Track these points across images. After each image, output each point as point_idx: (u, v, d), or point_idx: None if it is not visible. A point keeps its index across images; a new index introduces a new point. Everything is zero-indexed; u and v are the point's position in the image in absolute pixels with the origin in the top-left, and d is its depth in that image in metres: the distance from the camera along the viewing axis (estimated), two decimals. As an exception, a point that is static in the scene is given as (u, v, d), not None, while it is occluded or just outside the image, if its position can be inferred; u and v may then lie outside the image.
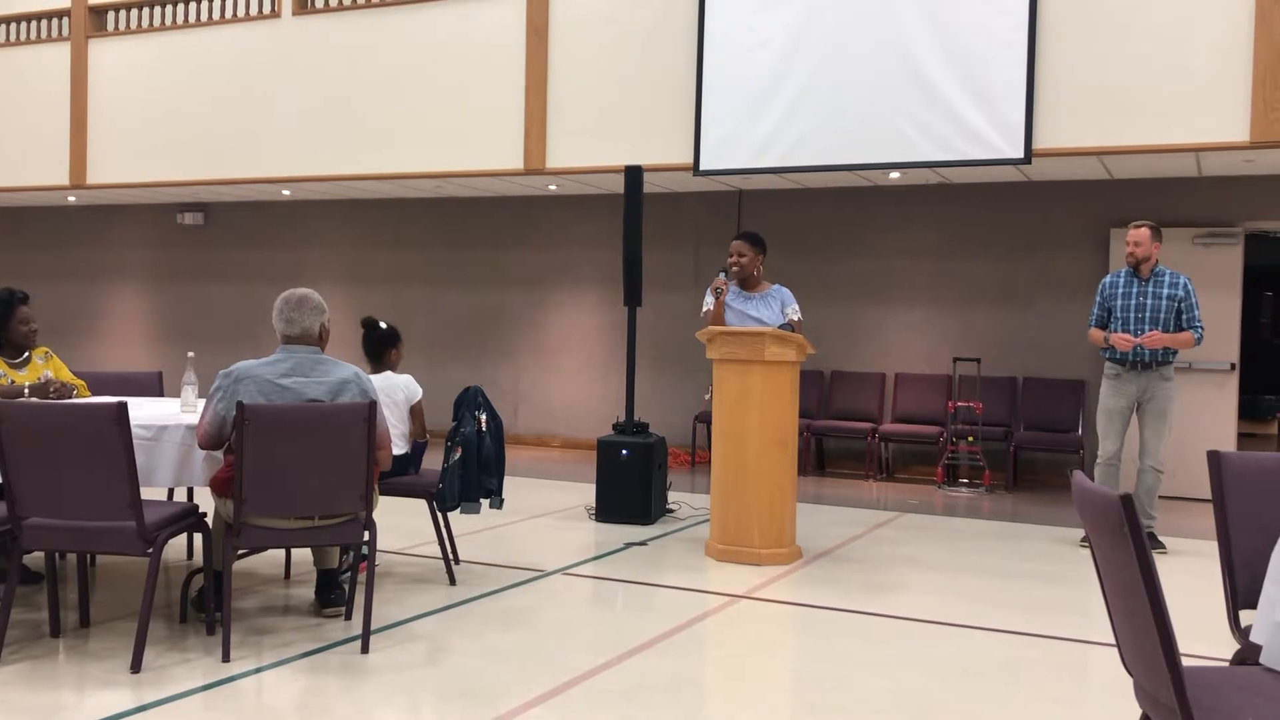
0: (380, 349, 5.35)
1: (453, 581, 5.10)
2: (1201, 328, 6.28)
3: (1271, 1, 6.87)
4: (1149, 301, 6.25)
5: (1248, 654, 2.69)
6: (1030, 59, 7.43)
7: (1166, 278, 6.30)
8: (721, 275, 6.09)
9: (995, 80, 7.53)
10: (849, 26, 7.93)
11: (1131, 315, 6.28)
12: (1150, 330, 6.19)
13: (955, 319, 9.31)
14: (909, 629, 4.59)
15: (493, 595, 4.93)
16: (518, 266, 10.95)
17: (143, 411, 4.45)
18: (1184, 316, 6.26)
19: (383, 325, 5.40)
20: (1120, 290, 6.35)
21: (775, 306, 6.08)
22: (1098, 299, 6.43)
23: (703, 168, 8.44)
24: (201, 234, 12.51)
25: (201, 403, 4.36)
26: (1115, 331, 6.27)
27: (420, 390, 5.28)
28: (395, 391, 5.16)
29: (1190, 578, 5.62)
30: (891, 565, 5.81)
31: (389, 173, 9.64)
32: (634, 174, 7.21)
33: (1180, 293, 6.25)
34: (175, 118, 10.45)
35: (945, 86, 7.67)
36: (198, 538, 4.73)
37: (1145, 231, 6.28)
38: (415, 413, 5.25)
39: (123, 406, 3.69)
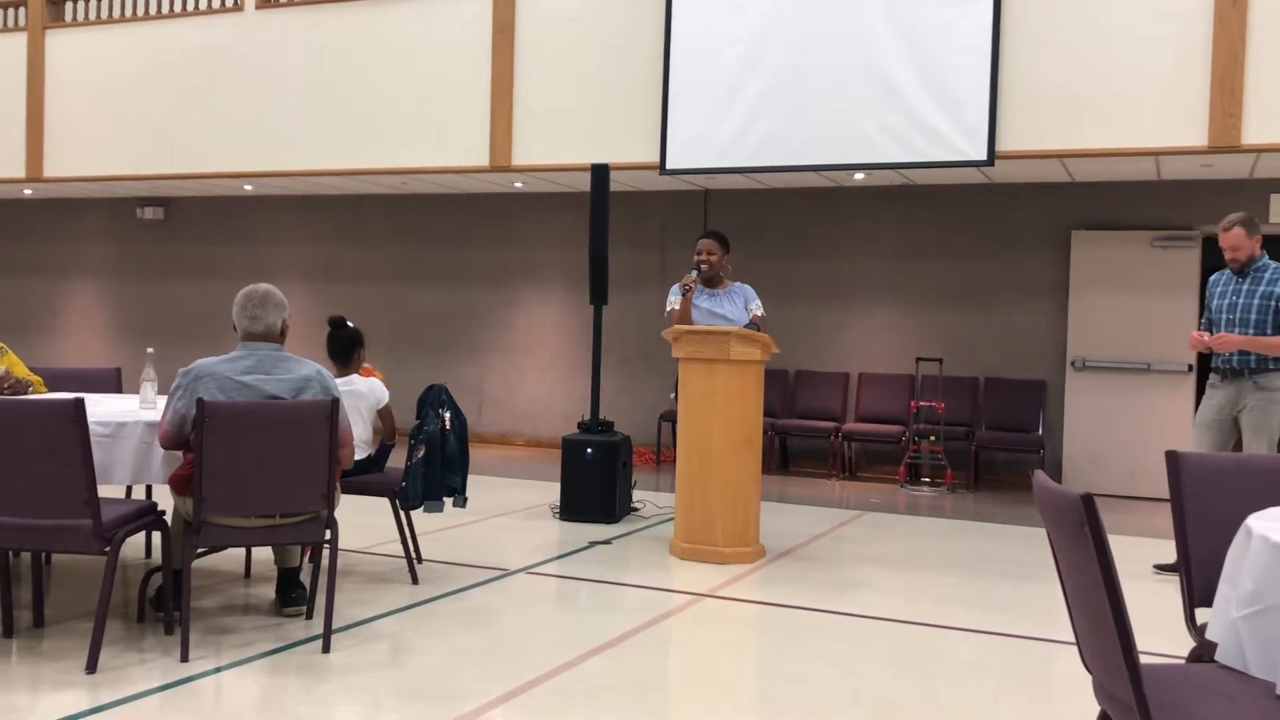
0: (349, 349, 5.26)
1: (415, 580, 5.06)
2: None
3: (1229, 9, 6.97)
4: (1240, 300, 5.54)
5: (1204, 651, 2.72)
6: (993, 62, 7.50)
7: (1267, 274, 5.52)
8: (693, 274, 6.11)
9: (959, 83, 7.59)
10: (815, 28, 7.97)
11: (1223, 316, 5.60)
12: (1240, 333, 5.48)
13: (918, 319, 9.37)
14: (871, 627, 4.61)
15: (456, 594, 4.91)
16: (483, 264, 10.90)
17: (101, 408, 4.39)
18: None
19: (349, 324, 5.33)
20: (1219, 289, 5.70)
21: (739, 303, 6.15)
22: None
23: (669, 167, 8.44)
24: (162, 229, 12.36)
25: (161, 400, 4.30)
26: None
27: (387, 393, 5.22)
28: (359, 399, 5.08)
29: (1149, 577, 5.68)
30: (854, 564, 5.84)
31: (353, 168, 9.57)
32: (600, 172, 7.19)
33: (1278, 290, 5.45)
34: (135, 111, 10.31)
35: (910, 89, 7.72)
36: (156, 536, 4.67)
37: (1238, 231, 5.53)
38: (385, 414, 5.21)
39: (80, 403, 3.63)
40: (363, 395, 5.11)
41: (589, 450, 6.76)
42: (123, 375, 6.10)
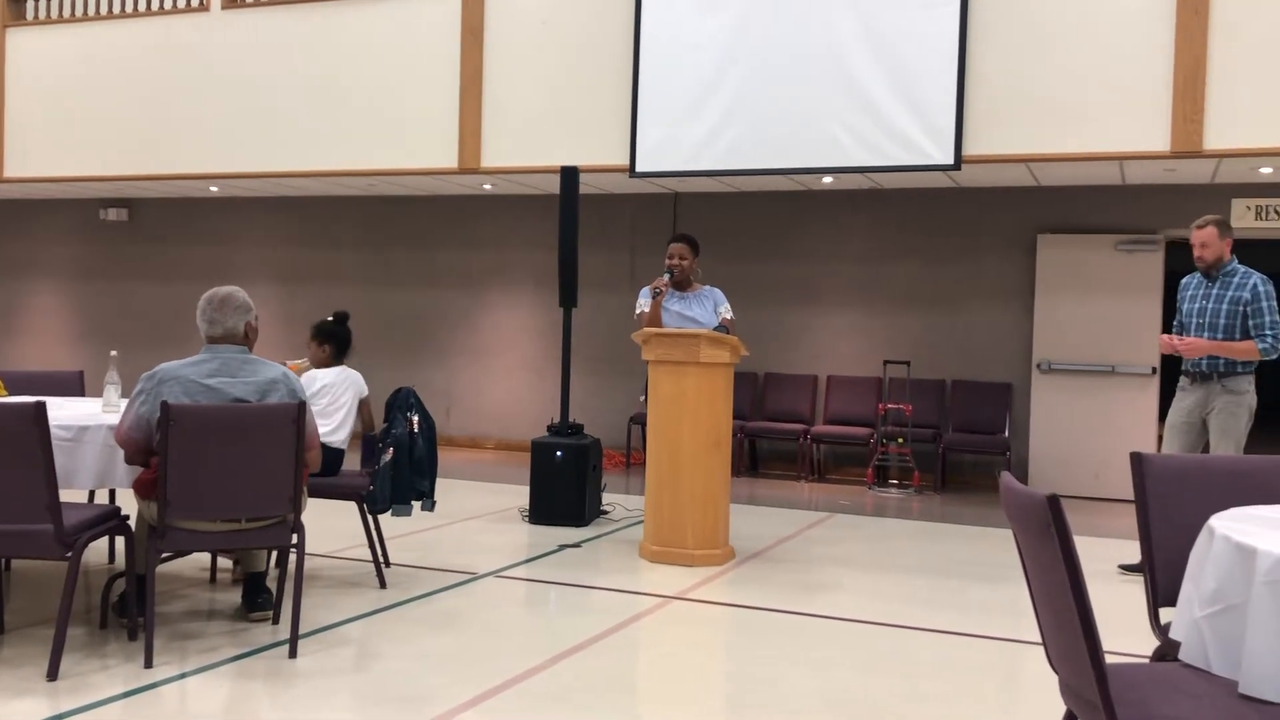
0: (349, 343, 5.42)
1: (383, 585, 5.03)
2: (1272, 335, 5.47)
3: (1190, 16, 7.06)
4: (1210, 305, 5.59)
5: (1167, 650, 2.75)
6: (961, 67, 7.55)
7: (1235, 278, 5.57)
8: (665, 277, 6.13)
9: (927, 87, 7.64)
10: (783, 32, 7.99)
11: (1193, 320, 5.66)
12: (1209, 337, 5.54)
13: (886, 322, 9.43)
14: (840, 629, 4.63)
15: (424, 598, 4.88)
16: (451, 266, 10.86)
17: (63, 412, 4.33)
18: (1251, 323, 5.51)
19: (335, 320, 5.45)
20: (1189, 293, 5.75)
21: (709, 306, 6.18)
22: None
23: (638, 169, 8.44)
24: (125, 230, 12.22)
25: (124, 403, 4.25)
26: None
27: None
28: (359, 387, 5.26)
29: (1114, 577, 5.74)
30: (823, 565, 5.86)
31: (320, 170, 9.50)
32: (570, 175, 7.18)
33: (1247, 295, 5.50)
34: (98, 110, 10.19)
35: (878, 93, 7.76)
36: (120, 541, 4.62)
37: (1211, 230, 5.58)
38: (365, 405, 5.32)
39: (41, 406, 3.58)
40: (356, 383, 5.25)
41: (559, 453, 6.75)
42: (85, 378, 6.02)
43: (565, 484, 6.73)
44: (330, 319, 5.41)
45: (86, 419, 4.19)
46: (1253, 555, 2.35)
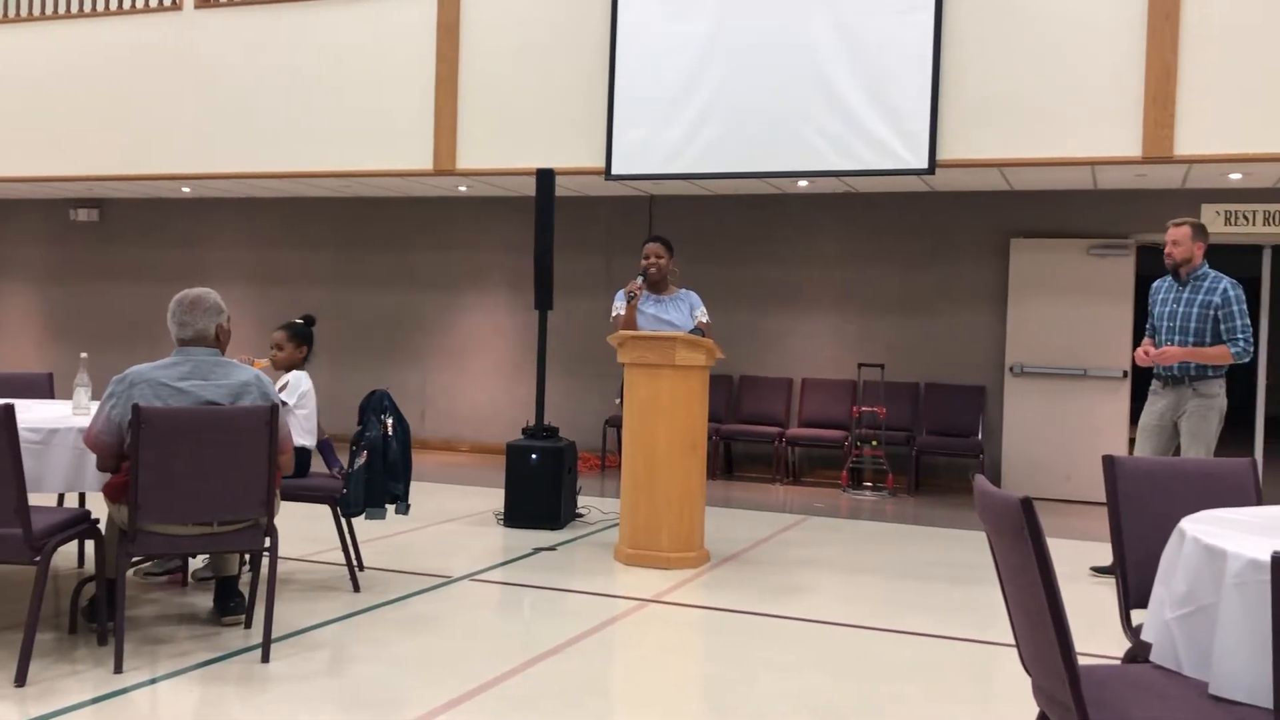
0: (313, 345, 5.36)
1: (357, 588, 5.00)
2: (1243, 339, 5.51)
3: (1161, 22, 7.13)
4: (1180, 309, 5.64)
5: (1139, 652, 2.77)
6: (935, 72, 7.59)
7: (1206, 283, 5.63)
8: (639, 280, 6.13)
9: (901, 92, 7.68)
10: (759, 36, 8.01)
11: (1164, 324, 5.71)
12: (1179, 341, 5.59)
13: (860, 325, 9.46)
14: (815, 631, 4.64)
15: (398, 602, 4.86)
16: (426, 268, 10.82)
17: (32, 414, 4.28)
18: (1222, 327, 5.54)
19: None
20: (1160, 296, 5.79)
21: (685, 309, 6.20)
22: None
23: (614, 172, 8.44)
24: (97, 231, 12.10)
25: (95, 406, 4.21)
26: (1159, 342, 5.69)
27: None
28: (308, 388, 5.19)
29: (1086, 579, 5.78)
30: (798, 568, 5.87)
31: (294, 171, 9.44)
32: (545, 177, 7.18)
33: (1217, 299, 5.55)
34: (69, 110, 10.08)
35: (853, 97, 7.79)
36: (90, 545, 4.57)
37: (1185, 230, 5.63)
38: None
39: (9, 409, 3.54)
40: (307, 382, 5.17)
41: (534, 456, 6.73)
42: (55, 380, 5.96)
43: (540, 487, 6.72)
44: (301, 320, 5.37)
45: (56, 421, 4.15)
46: (1223, 557, 2.37)
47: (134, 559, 4.32)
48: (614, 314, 6.25)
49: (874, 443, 8.79)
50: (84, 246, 12.16)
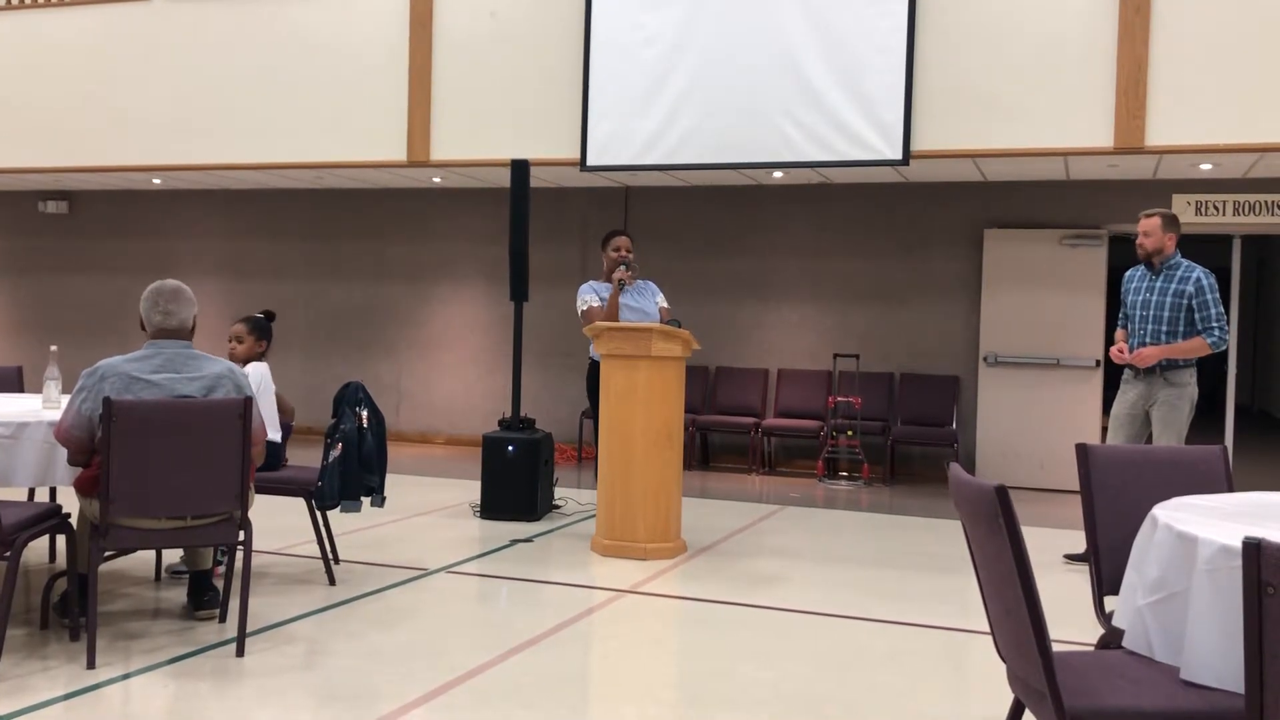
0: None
1: (332, 581, 4.98)
2: (1219, 328, 5.55)
3: (1133, 14, 7.18)
4: (1154, 298, 5.68)
5: (1112, 638, 2.80)
6: (909, 63, 7.62)
7: (1179, 272, 5.65)
8: (625, 269, 6.18)
9: (875, 83, 7.69)
10: (734, 27, 8.01)
11: (1137, 313, 5.75)
12: (1153, 330, 5.64)
13: (836, 316, 9.49)
14: (792, 621, 4.66)
15: (374, 595, 4.84)
16: (401, 260, 10.76)
17: (1, 408, 4.23)
18: (1197, 316, 5.56)
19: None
20: (1133, 285, 5.82)
21: (651, 297, 6.32)
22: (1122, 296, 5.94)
23: (589, 163, 8.42)
24: (66, 223, 11.97)
25: (66, 400, 4.17)
26: (1132, 331, 5.75)
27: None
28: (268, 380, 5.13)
29: (1059, 567, 5.82)
30: (774, 558, 5.89)
31: (266, 163, 9.36)
32: (520, 168, 7.15)
33: (1191, 289, 5.57)
34: (37, 100, 9.96)
35: (827, 88, 7.80)
36: (61, 540, 4.53)
37: (1155, 220, 5.66)
38: (281, 396, 5.27)
39: (-22, 403, 3.50)
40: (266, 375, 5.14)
41: (510, 448, 6.72)
42: (24, 374, 5.90)
43: (517, 479, 6.70)
44: (261, 315, 5.33)
45: (26, 415, 4.10)
46: (1194, 544, 2.39)
47: (105, 553, 4.28)
48: (584, 305, 6.26)
49: (849, 433, 8.82)
50: (53, 239, 12.03)
